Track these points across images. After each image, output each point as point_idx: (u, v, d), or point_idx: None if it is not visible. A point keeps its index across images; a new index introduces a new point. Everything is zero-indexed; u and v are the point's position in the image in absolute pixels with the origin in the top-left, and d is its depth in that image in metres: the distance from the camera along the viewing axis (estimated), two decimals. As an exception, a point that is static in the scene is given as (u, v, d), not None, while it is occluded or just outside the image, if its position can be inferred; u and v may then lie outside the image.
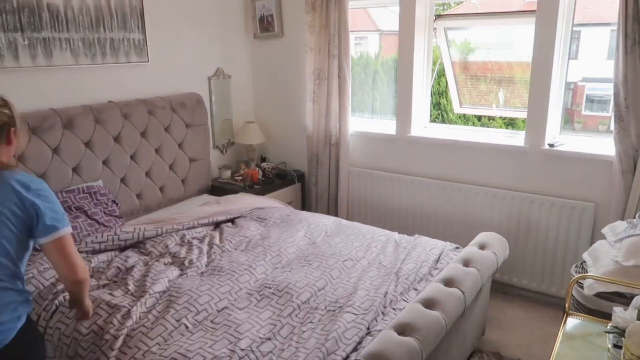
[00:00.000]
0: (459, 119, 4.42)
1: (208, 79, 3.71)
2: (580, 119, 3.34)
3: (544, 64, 2.85)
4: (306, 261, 2.44)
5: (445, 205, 3.31)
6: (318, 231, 2.81)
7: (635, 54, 2.49)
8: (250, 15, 3.90)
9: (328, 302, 2.09)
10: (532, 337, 2.75)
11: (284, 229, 2.79)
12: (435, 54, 3.51)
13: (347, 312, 1.99)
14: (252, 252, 2.52)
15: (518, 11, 3.34)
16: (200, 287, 2.14)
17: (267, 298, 2.12)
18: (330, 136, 3.62)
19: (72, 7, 2.77)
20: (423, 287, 2.24)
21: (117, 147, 2.95)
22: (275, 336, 1.88)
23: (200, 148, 3.49)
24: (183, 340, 1.84)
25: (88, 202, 2.65)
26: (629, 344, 1.53)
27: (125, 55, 3.08)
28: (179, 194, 3.37)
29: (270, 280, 2.26)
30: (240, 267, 2.33)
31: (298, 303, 2.07)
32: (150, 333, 1.86)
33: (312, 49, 3.54)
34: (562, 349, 1.78)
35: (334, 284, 2.24)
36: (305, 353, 1.76)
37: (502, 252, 2.49)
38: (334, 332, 1.85)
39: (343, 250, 2.54)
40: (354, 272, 2.35)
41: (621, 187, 2.66)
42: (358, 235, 2.74)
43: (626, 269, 2.08)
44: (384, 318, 2.01)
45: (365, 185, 3.64)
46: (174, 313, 1.97)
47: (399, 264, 2.41)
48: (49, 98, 2.75)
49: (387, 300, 2.13)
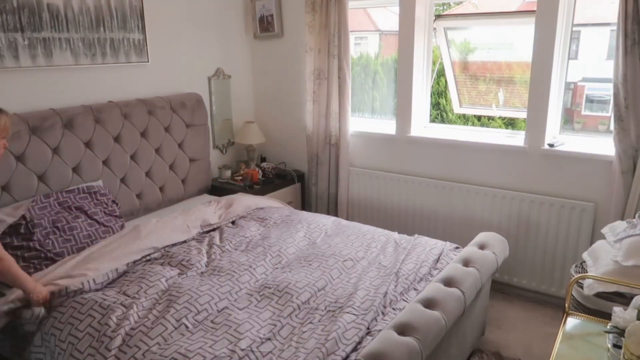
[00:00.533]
0: (458, 119, 4.42)
1: (208, 79, 3.71)
2: (580, 119, 3.34)
3: (544, 64, 2.85)
4: (306, 261, 2.44)
5: (445, 205, 3.32)
6: (318, 231, 2.81)
7: (635, 54, 2.49)
8: (250, 15, 3.90)
9: (328, 303, 2.10)
10: (532, 337, 2.76)
11: (284, 229, 2.79)
12: (435, 54, 3.51)
13: (347, 312, 1.99)
14: (252, 252, 2.52)
15: (518, 11, 3.34)
16: (201, 287, 2.14)
17: (267, 298, 2.12)
18: (330, 136, 3.62)
19: (72, 7, 2.77)
20: (423, 287, 2.24)
21: (117, 147, 2.95)
22: (275, 336, 1.88)
23: (200, 148, 3.50)
24: (183, 340, 1.84)
25: (88, 202, 2.65)
26: (628, 344, 1.53)
27: (125, 55, 3.08)
28: (179, 194, 3.37)
29: (271, 280, 2.26)
30: (240, 268, 2.33)
31: (298, 303, 2.08)
32: (150, 333, 1.86)
33: (312, 49, 3.54)
34: (562, 349, 1.79)
35: (334, 284, 2.24)
36: (305, 353, 1.76)
37: (502, 252, 2.49)
38: (334, 333, 1.85)
39: (343, 251, 2.54)
40: (353, 272, 2.35)
41: (621, 187, 2.66)
42: (358, 235, 2.74)
43: (626, 269, 2.09)
44: (384, 318, 2.01)
45: (365, 185, 3.64)
46: (174, 313, 1.97)
47: (398, 264, 2.41)
48: (49, 98, 2.75)
49: (387, 300, 2.13)
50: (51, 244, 2.36)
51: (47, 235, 2.37)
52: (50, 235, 2.38)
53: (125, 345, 1.83)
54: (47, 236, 2.37)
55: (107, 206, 2.74)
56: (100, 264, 2.26)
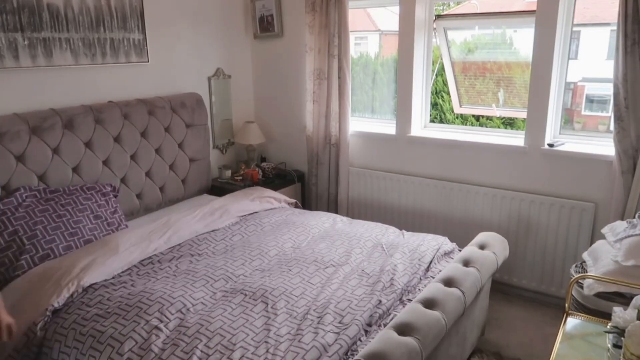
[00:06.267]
0: (456, 118, 4.43)
1: (208, 79, 3.71)
2: (580, 119, 3.35)
3: (544, 64, 2.85)
4: (299, 265, 2.39)
5: (445, 205, 3.32)
6: (305, 235, 2.78)
7: (635, 54, 2.49)
8: (250, 15, 3.90)
9: (314, 309, 2.02)
10: (532, 337, 2.76)
11: (277, 234, 2.74)
12: (435, 54, 3.51)
13: (327, 315, 1.96)
14: (231, 255, 2.47)
15: (518, 11, 3.34)
16: (173, 294, 2.07)
17: (245, 303, 2.05)
18: (330, 136, 3.62)
19: (72, 7, 2.77)
20: (414, 284, 2.24)
21: (117, 147, 2.95)
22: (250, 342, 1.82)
23: (200, 148, 3.49)
24: (159, 342, 1.82)
25: (92, 202, 2.65)
26: (628, 344, 1.53)
27: (125, 55, 3.08)
28: (179, 194, 3.37)
29: (249, 284, 2.20)
30: (216, 272, 2.28)
31: (277, 309, 2.01)
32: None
33: (312, 49, 3.54)
34: (562, 349, 1.79)
35: (332, 289, 2.22)
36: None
37: (502, 252, 2.49)
38: (314, 342, 1.79)
39: (347, 247, 2.54)
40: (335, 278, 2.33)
41: (621, 187, 2.66)
42: (355, 236, 2.73)
43: (626, 269, 2.09)
44: (381, 318, 2.00)
45: (365, 185, 3.64)
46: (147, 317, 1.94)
47: (395, 265, 2.40)
48: (49, 98, 2.75)
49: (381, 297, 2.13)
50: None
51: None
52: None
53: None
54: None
55: (109, 206, 2.73)
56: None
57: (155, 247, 2.49)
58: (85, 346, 1.87)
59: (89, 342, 1.87)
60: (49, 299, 2.04)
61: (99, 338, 1.87)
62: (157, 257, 2.44)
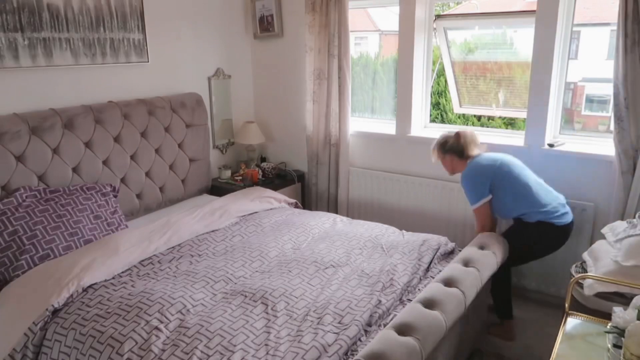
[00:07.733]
0: (458, 118, 4.42)
1: (208, 79, 3.71)
2: (580, 119, 3.35)
3: (544, 64, 2.85)
4: (299, 266, 2.38)
5: (445, 205, 3.31)
6: (317, 232, 2.80)
7: (635, 54, 2.49)
8: (250, 15, 3.90)
9: (308, 310, 2.02)
10: (532, 337, 2.75)
11: (277, 235, 2.73)
12: (435, 54, 3.51)
13: (326, 315, 1.96)
14: (231, 256, 2.47)
15: (518, 11, 3.34)
16: (174, 294, 2.07)
17: (245, 305, 2.05)
18: (330, 136, 3.62)
19: (72, 7, 2.77)
20: (414, 284, 2.24)
21: (117, 147, 2.95)
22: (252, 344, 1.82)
23: (200, 148, 3.49)
24: (159, 342, 1.82)
25: (92, 202, 2.65)
26: (629, 344, 1.53)
27: (125, 55, 3.08)
28: (179, 194, 3.37)
29: (249, 286, 2.20)
30: (217, 273, 2.28)
31: (277, 311, 2.00)
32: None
33: (312, 49, 3.54)
34: (562, 349, 1.78)
35: (332, 289, 2.22)
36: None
37: (502, 252, 2.49)
38: (314, 342, 1.79)
39: (345, 247, 2.54)
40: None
41: (621, 187, 2.66)
42: (355, 236, 2.73)
43: (626, 269, 2.09)
44: (381, 318, 2.01)
45: (365, 185, 3.64)
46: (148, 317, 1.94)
47: (397, 264, 2.40)
48: (49, 98, 2.75)
49: (381, 294, 2.13)
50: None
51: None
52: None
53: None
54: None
55: (109, 206, 2.73)
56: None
57: (155, 247, 2.49)
58: (85, 346, 1.87)
59: (89, 342, 1.87)
60: (48, 298, 2.04)
61: (99, 338, 1.87)
62: (157, 258, 2.44)
